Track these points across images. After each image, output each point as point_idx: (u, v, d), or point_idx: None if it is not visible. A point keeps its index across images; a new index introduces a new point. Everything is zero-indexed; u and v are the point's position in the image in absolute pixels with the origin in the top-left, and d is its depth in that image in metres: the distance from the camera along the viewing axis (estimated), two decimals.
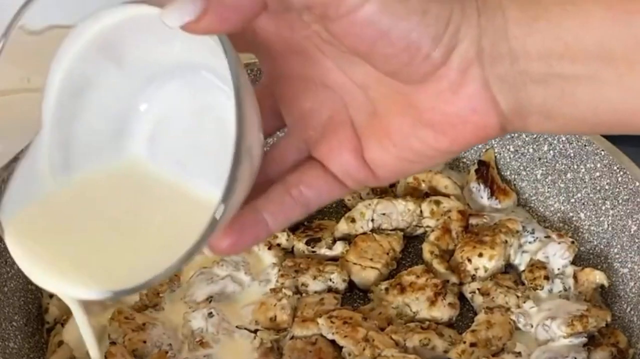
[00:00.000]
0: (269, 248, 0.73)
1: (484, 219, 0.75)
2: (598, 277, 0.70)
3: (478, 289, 0.70)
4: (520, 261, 0.73)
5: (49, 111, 0.42)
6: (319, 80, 0.42)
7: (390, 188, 0.80)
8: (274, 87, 0.43)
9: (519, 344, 0.66)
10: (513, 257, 0.73)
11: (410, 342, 0.66)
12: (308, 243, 0.74)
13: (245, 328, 0.68)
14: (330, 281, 0.71)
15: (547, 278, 0.70)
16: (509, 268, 0.74)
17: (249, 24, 0.37)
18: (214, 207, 0.36)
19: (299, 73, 0.42)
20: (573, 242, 0.72)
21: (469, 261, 0.72)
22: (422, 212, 0.76)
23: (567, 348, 0.65)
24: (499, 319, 0.68)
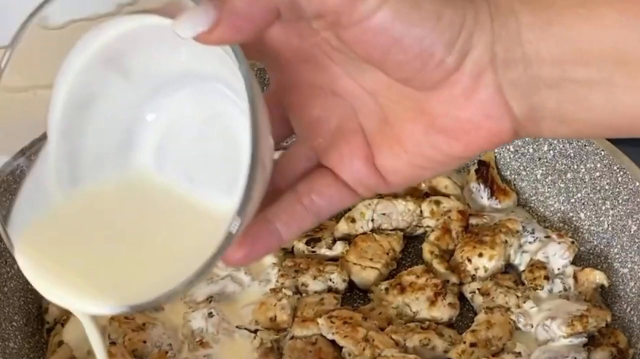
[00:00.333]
0: None
1: (484, 219, 0.75)
2: (598, 277, 0.70)
3: (478, 289, 0.70)
4: (520, 261, 0.73)
5: (55, 123, 0.42)
6: (328, 88, 0.42)
7: None
8: (283, 95, 0.43)
9: (519, 344, 0.66)
10: (513, 257, 0.73)
11: (410, 342, 0.66)
12: (308, 243, 0.74)
13: (245, 328, 0.68)
14: (330, 281, 0.71)
15: (547, 278, 0.70)
16: (509, 268, 0.74)
17: (262, 34, 0.37)
18: (224, 217, 0.36)
19: (308, 81, 0.42)
20: (573, 242, 0.72)
21: (469, 261, 0.72)
22: (422, 212, 0.76)
23: (567, 348, 0.65)
24: (499, 319, 0.68)
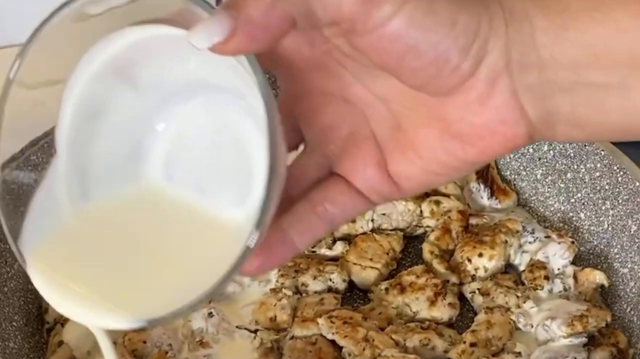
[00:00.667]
0: None
1: (484, 219, 0.75)
2: (598, 277, 0.70)
3: (478, 289, 0.70)
4: (520, 261, 0.73)
5: (64, 136, 0.41)
6: (340, 95, 0.41)
7: None
8: (293, 103, 0.42)
9: (519, 344, 0.66)
10: (513, 257, 0.73)
11: (410, 342, 0.66)
12: None
13: (245, 328, 0.68)
14: (330, 281, 0.71)
15: (547, 278, 0.70)
16: (509, 268, 0.74)
17: (277, 43, 0.37)
18: (237, 227, 0.36)
19: (319, 88, 0.41)
20: (573, 242, 0.72)
21: (469, 261, 0.72)
22: (422, 212, 0.76)
23: (567, 348, 0.65)
24: (499, 319, 0.68)
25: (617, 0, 0.38)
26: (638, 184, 0.70)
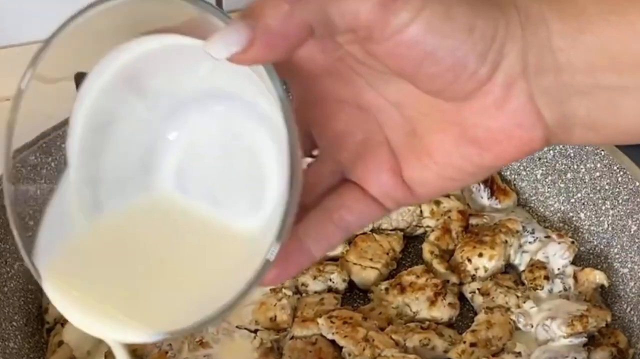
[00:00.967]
0: None
1: (484, 219, 0.75)
2: (598, 277, 0.70)
3: (478, 289, 0.70)
4: (520, 261, 0.73)
5: (75, 148, 0.41)
6: (353, 101, 0.41)
7: None
8: (306, 110, 0.42)
9: (519, 344, 0.66)
10: (513, 257, 0.73)
11: (410, 342, 0.66)
12: None
13: (245, 328, 0.68)
14: (330, 281, 0.71)
15: (547, 278, 0.70)
16: (509, 268, 0.74)
17: (295, 52, 0.36)
18: (252, 237, 0.35)
19: (332, 95, 0.41)
20: (573, 242, 0.72)
21: (469, 261, 0.72)
22: (422, 212, 0.76)
23: (567, 348, 0.65)
24: (499, 319, 0.68)
25: (633, 3, 0.37)
26: (638, 184, 0.70)
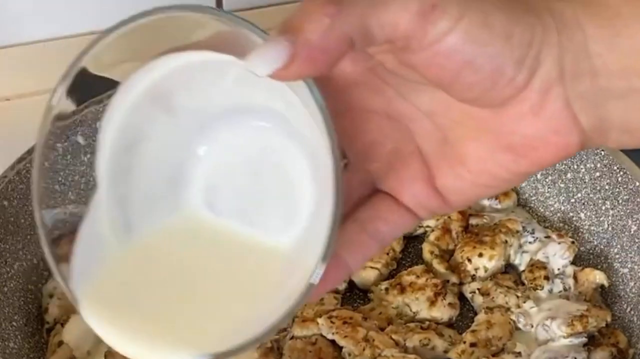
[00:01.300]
0: None
1: (484, 219, 0.75)
2: (598, 277, 0.70)
3: (478, 289, 0.70)
4: (520, 261, 0.73)
5: (104, 168, 0.40)
6: (382, 111, 0.41)
7: None
8: (335, 120, 0.41)
9: (519, 344, 0.66)
10: (513, 257, 0.73)
11: (410, 342, 0.66)
12: None
13: None
14: None
15: (547, 278, 0.70)
16: (509, 268, 0.74)
17: (337, 66, 0.36)
18: (284, 254, 0.35)
19: (361, 105, 0.41)
20: (573, 242, 0.72)
21: (469, 261, 0.72)
22: None
23: (567, 348, 0.65)
24: (499, 319, 0.68)
25: None
26: (638, 184, 0.70)
